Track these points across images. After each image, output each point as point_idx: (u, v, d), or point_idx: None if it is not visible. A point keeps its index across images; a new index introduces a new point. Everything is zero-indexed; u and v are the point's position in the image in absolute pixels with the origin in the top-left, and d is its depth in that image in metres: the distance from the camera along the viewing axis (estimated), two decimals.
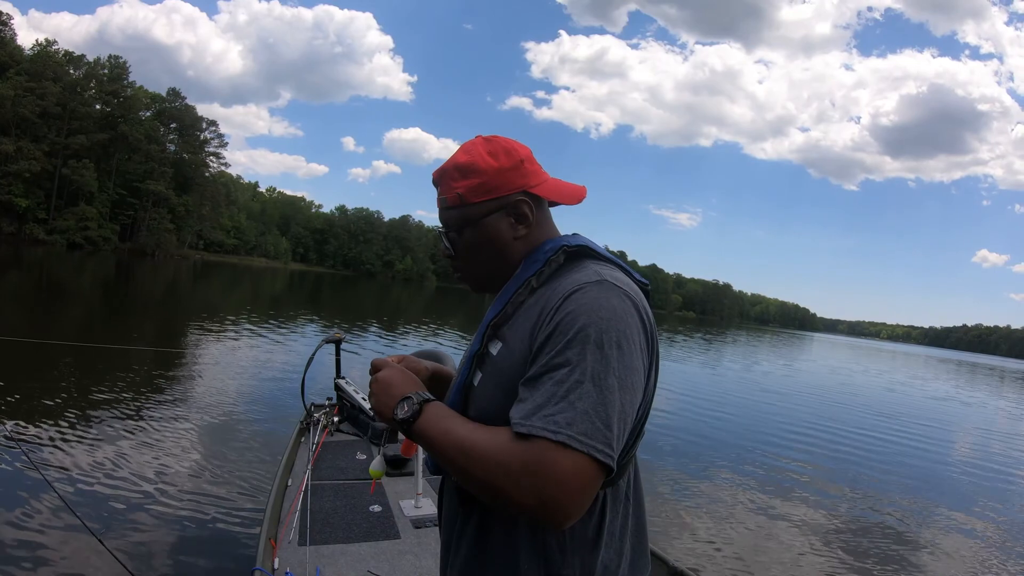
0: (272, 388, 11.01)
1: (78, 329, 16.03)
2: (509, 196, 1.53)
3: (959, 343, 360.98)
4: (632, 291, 1.40)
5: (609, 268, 1.47)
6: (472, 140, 1.58)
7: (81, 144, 76.39)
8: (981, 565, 7.19)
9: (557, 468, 1.18)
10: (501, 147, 1.55)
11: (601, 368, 1.25)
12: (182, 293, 35.94)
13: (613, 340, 1.28)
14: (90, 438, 7.02)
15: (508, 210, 1.53)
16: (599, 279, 1.37)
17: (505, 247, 1.54)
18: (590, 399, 1.22)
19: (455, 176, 1.54)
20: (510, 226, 1.54)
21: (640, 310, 1.38)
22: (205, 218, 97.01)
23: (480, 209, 1.53)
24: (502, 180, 1.53)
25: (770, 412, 16.77)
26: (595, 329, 1.28)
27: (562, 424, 1.19)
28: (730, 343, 59.72)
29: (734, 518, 7.57)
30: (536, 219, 1.55)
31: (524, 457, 1.20)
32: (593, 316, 1.30)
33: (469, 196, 1.53)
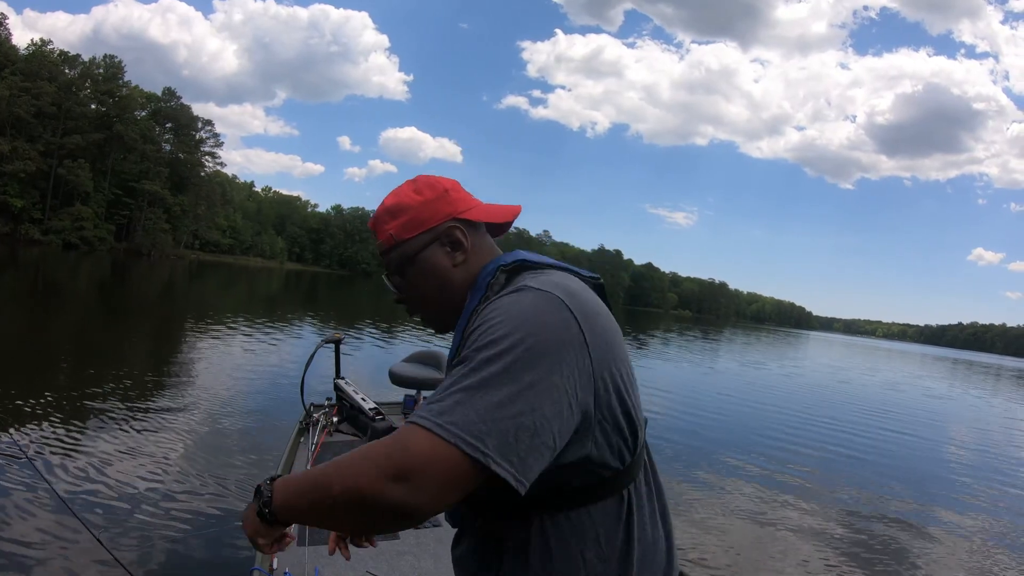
0: (271, 388, 10.99)
1: (75, 330, 16.00)
2: (440, 225, 1.55)
3: (955, 341, 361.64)
4: (565, 292, 1.32)
5: (546, 275, 1.41)
6: (400, 185, 1.62)
7: (76, 144, 76.37)
8: (979, 559, 7.20)
9: (423, 453, 1.12)
10: (424, 182, 1.60)
11: (501, 371, 1.18)
12: (178, 293, 35.93)
13: (526, 343, 1.21)
14: (88, 438, 7.02)
15: (442, 240, 1.55)
16: (520, 287, 1.34)
17: (447, 278, 1.54)
18: (470, 401, 1.15)
19: (385, 219, 1.58)
20: (447, 255, 1.54)
21: (571, 310, 1.28)
22: (201, 218, 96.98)
23: (414, 244, 1.55)
24: (430, 211, 1.55)
25: (765, 410, 16.77)
26: (494, 341, 1.22)
27: (435, 413, 1.15)
28: (726, 342, 59.76)
29: (731, 516, 7.58)
30: (472, 244, 1.56)
31: (391, 440, 1.16)
32: (505, 321, 1.25)
33: (401, 234, 1.55)
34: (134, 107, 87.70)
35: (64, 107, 76.20)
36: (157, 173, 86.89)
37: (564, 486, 1.32)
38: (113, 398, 8.85)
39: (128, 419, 7.97)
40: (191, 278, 52.51)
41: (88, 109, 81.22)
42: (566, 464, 1.28)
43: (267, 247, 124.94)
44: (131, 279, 41.68)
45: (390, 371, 5.08)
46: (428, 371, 4.96)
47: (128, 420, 7.93)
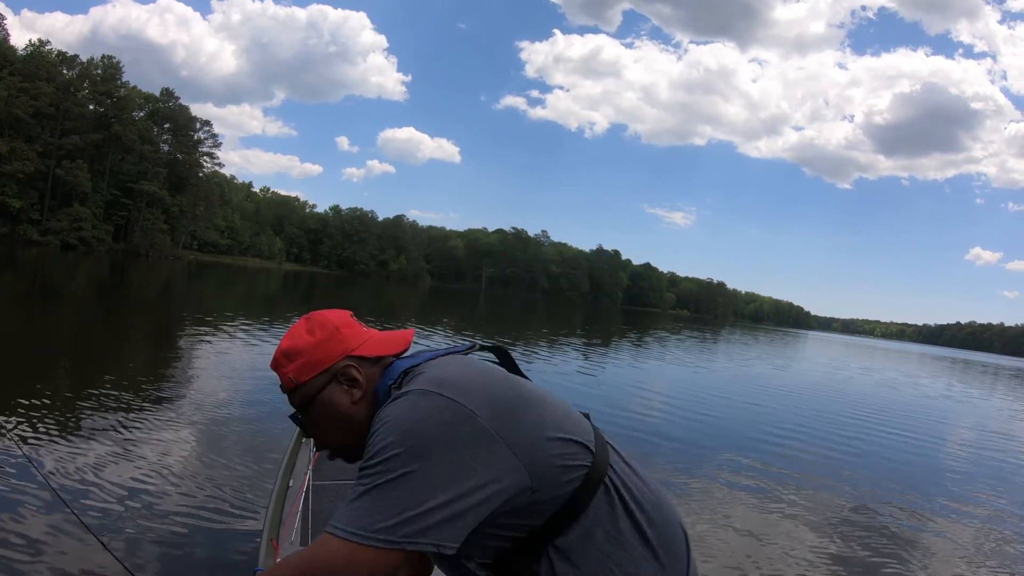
0: (272, 389, 10.98)
1: (73, 330, 16.01)
2: (335, 365, 1.63)
3: (952, 340, 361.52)
4: (438, 383, 1.48)
5: (426, 372, 1.54)
6: (296, 322, 1.71)
7: (75, 144, 76.31)
8: (977, 558, 7.22)
9: (332, 557, 1.35)
10: (316, 322, 1.68)
11: (393, 466, 1.36)
12: (177, 294, 35.93)
13: (405, 440, 1.38)
14: (90, 439, 7.01)
15: (339, 379, 1.63)
16: (397, 396, 1.48)
17: (348, 415, 1.61)
18: (374, 494, 1.35)
19: (283, 362, 1.66)
20: (345, 393, 1.62)
21: (447, 396, 1.45)
22: (199, 218, 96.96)
23: (312, 386, 1.62)
24: (323, 352, 1.63)
25: (763, 409, 16.79)
26: (391, 437, 1.39)
27: (344, 521, 1.35)
28: (723, 341, 59.77)
29: (731, 514, 7.59)
30: (369, 378, 1.63)
31: (308, 552, 1.40)
32: (393, 425, 1.41)
33: (299, 376, 1.63)
34: (132, 108, 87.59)
35: (62, 107, 76.15)
36: (155, 174, 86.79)
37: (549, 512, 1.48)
38: (113, 399, 8.85)
39: (129, 420, 7.97)
40: (189, 279, 52.48)
41: (86, 110, 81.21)
42: (537, 501, 1.47)
43: (265, 247, 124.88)
44: (129, 280, 41.67)
45: None
46: None
47: (129, 421, 7.93)
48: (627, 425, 11.67)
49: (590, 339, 35.84)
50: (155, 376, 11.01)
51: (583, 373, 19.37)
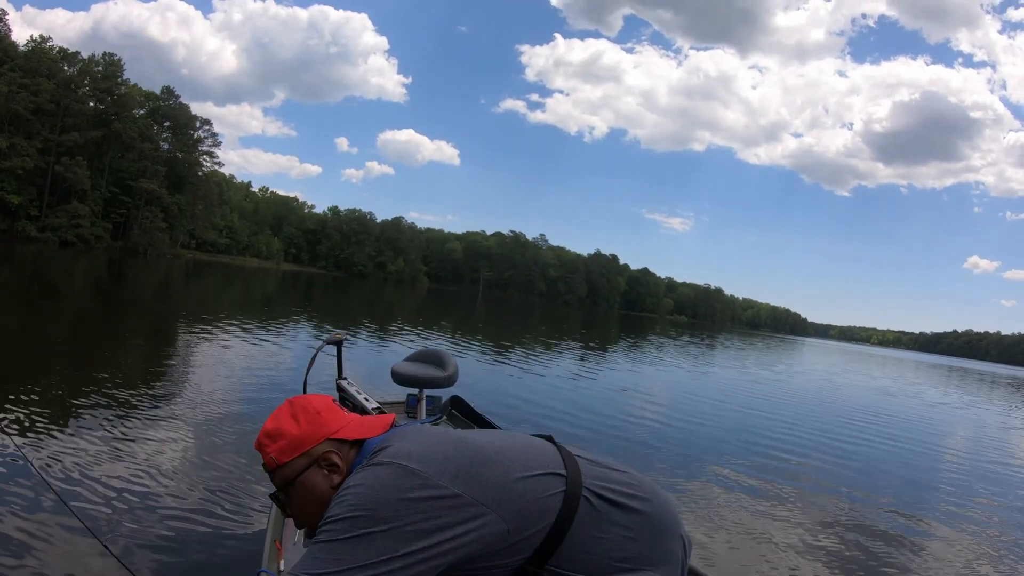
0: (273, 389, 10.99)
1: (71, 328, 16.00)
2: (315, 448, 1.70)
3: (949, 348, 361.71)
4: (400, 455, 1.57)
5: (391, 447, 1.61)
6: (280, 405, 1.81)
7: (74, 141, 76.38)
8: (972, 564, 7.24)
9: None
10: (299, 406, 1.76)
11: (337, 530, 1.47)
12: (176, 293, 35.90)
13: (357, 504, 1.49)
14: (90, 439, 7.00)
15: (319, 463, 1.69)
16: (360, 468, 1.59)
17: (327, 498, 1.63)
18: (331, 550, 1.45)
19: (266, 443, 1.73)
20: (324, 477, 1.68)
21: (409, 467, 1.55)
22: (198, 217, 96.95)
23: (293, 467, 1.69)
24: (305, 437, 1.70)
25: (759, 414, 16.80)
26: (337, 507, 1.51)
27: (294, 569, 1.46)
28: (720, 347, 59.80)
29: (728, 518, 7.60)
30: (347, 460, 1.70)
31: None
32: (339, 498, 1.53)
33: (280, 457, 1.70)
34: (132, 105, 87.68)
35: (63, 104, 76.25)
36: (155, 172, 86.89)
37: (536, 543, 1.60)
38: (112, 398, 8.84)
39: (129, 420, 7.96)
40: (188, 277, 52.44)
41: (86, 107, 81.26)
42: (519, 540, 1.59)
43: (263, 247, 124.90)
44: (127, 278, 41.63)
45: (392, 370, 5.08)
46: (430, 370, 4.98)
47: (129, 421, 7.92)
48: (623, 429, 11.69)
49: (587, 343, 35.85)
50: (154, 375, 11.00)
51: (580, 377, 19.37)
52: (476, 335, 29.53)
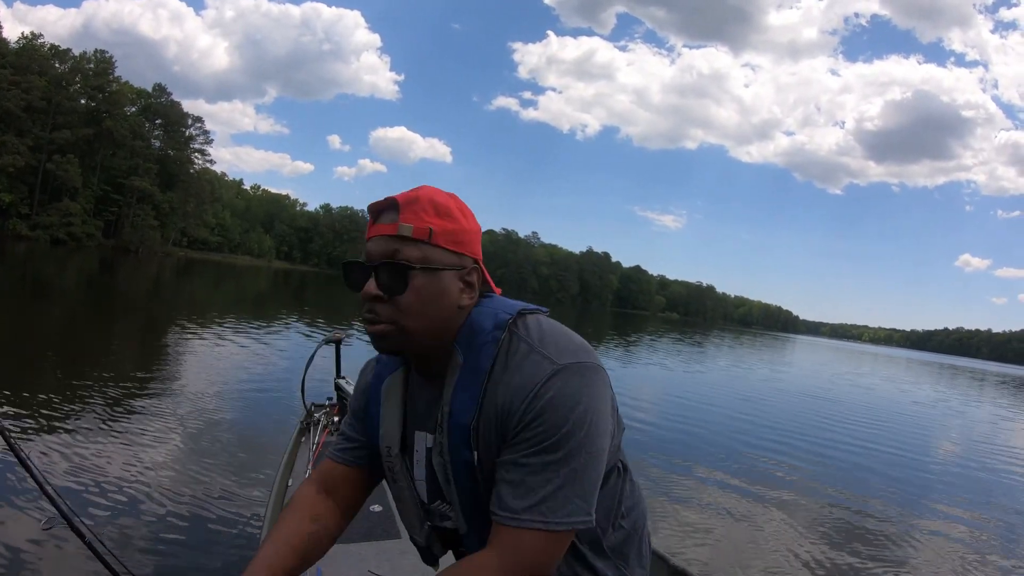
0: (271, 388, 11.01)
1: (64, 327, 15.99)
2: (467, 258, 1.44)
3: (941, 346, 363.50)
4: (586, 351, 1.39)
5: (548, 333, 1.42)
6: (432, 188, 1.45)
7: (66, 139, 75.98)
8: (960, 562, 7.31)
9: (547, 553, 1.29)
10: (468, 208, 1.49)
11: (579, 450, 1.29)
12: (169, 291, 35.84)
13: (585, 422, 1.30)
14: (85, 440, 7.02)
15: (462, 273, 1.42)
16: (558, 367, 1.33)
17: (449, 311, 1.41)
18: (573, 482, 1.29)
19: (429, 210, 1.39)
20: (459, 291, 1.42)
21: (602, 368, 1.39)
22: (189, 215, 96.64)
23: (442, 257, 1.39)
24: (468, 239, 1.44)
25: (753, 412, 16.86)
26: (571, 421, 1.29)
27: (543, 512, 1.27)
28: (712, 345, 59.89)
29: (723, 516, 7.66)
30: (474, 296, 1.46)
31: (502, 559, 1.28)
32: (567, 407, 1.30)
33: (439, 238, 1.39)
34: (124, 103, 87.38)
35: (54, 101, 75.86)
36: (146, 170, 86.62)
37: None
38: (107, 397, 8.85)
39: (123, 419, 7.98)
40: (179, 276, 52.28)
41: (78, 104, 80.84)
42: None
43: (255, 245, 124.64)
44: (119, 276, 41.51)
45: None
46: None
47: (123, 420, 7.94)
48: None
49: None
50: (148, 374, 10.99)
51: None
52: None
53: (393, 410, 1.56)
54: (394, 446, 1.55)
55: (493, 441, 1.35)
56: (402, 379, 1.58)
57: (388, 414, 1.56)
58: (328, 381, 6.49)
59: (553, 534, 1.28)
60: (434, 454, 1.46)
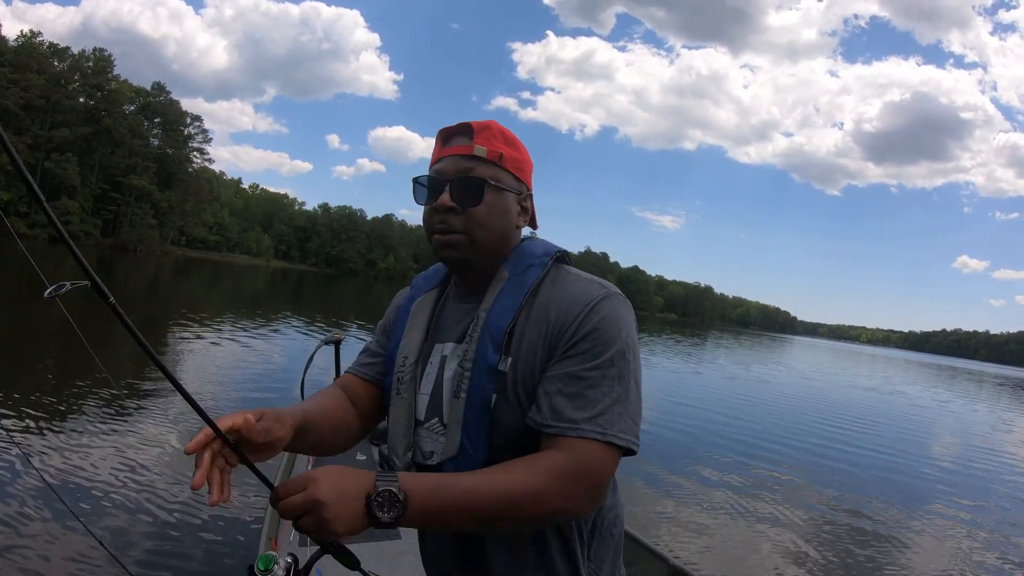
0: (271, 389, 11.03)
1: (65, 326, 15.97)
2: (525, 185, 1.58)
3: (938, 347, 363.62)
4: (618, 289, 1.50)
5: (585, 272, 1.54)
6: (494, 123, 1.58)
7: (64, 137, 75.78)
8: (959, 561, 7.34)
9: (605, 465, 1.33)
10: (524, 145, 1.61)
11: (628, 373, 1.38)
12: (168, 290, 35.82)
13: (631, 347, 1.40)
14: (87, 440, 7.04)
15: (520, 198, 1.56)
16: (608, 292, 1.44)
17: (508, 228, 1.54)
18: (620, 403, 1.34)
19: (500, 139, 1.54)
20: (517, 213, 1.56)
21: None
22: (188, 214, 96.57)
23: (509, 180, 1.52)
24: (527, 169, 1.59)
25: (747, 413, 16.89)
26: (622, 341, 1.38)
27: (601, 423, 1.32)
28: (710, 346, 59.92)
29: (721, 516, 7.69)
30: (521, 226, 1.60)
31: (573, 464, 1.30)
32: (619, 328, 1.39)
33: (507, 163, 1.52)
34: (123, 101, 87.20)
35: (52, 100, 75.67)
36: (145, 168, 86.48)
37: None
38: (106, 398, 8.87)
39: (122, 418, 8.01)
40: (178, 274, 52.33)
41: (76, 102, 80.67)
42: None
43: (253, 244, 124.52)
44: (117, 275, 41.45)
45: None
46: None
47: (122, 419, 7.97)
48: None
49: None
50: (146, 374, 10.97)
51: None
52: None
53: (419, 323, 1.62)
54: (411, 356, 1.58)
55: (539, 351, 1.41)
56: (434, 297, 1.67)
57: (413, 327, 1.62)
58: (327, 382, 6.48)
59: (610, 448, 1.32)
60: (449, 363, 1.52)
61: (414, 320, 1.64)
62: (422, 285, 1.73)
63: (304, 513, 1.20)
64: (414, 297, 1.71)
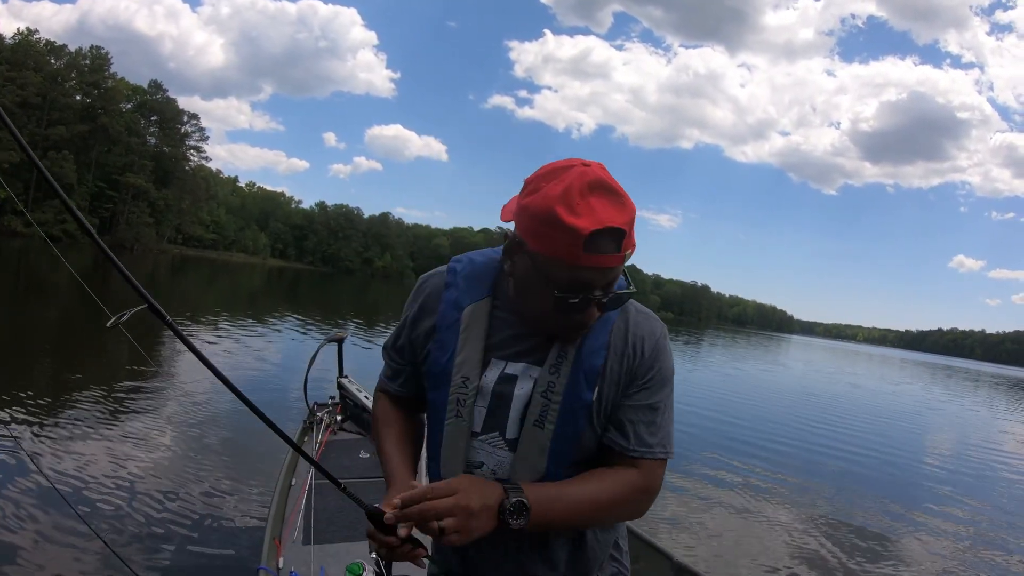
0: (273, 387, 11.05)
1: (63, 325, 15.98)
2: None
3: (934, 346, 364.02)
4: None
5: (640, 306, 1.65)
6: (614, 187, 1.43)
7: (61, 135, 75.66)
8: (956, 560, 7.35)
9: (662, 477, 1.57)
10: None
11: (671, 400, 1.59)
12: (164, 289, 35.75)
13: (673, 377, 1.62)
14: (91, 440, 7.05)
15: None
16: (664, 327, 1.64)
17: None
18: (671, 423, 1.57)
19: (630, 231, 1.41)
20: None
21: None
22: (184, 212, 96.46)
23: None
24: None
25: (752, 412, 16.92)
26: (671, 373, 1.59)
27: (664, 444, 1.55)
28: (706, 345, 60.00)
29: (725, 513, 7.72)
30: None
31: (647, 481, 1.53)
32: (671, 359, 1.60)
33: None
34: (119, 99, 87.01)
35: (49, 98, 75.59)
36: (142, 166, 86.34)
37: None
38: (108, 397, 8.88)
39: (129, 420, 8.01)
40: (175, 273, 52.30)
41: (73, 100, 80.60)
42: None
43: (250, 243, 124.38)
44: (115, 275, 41.25)
45: None
46: None
47: (129, 421, 7.97)
48: None
49: None
50: (154, 374, 10.97)
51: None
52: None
53: (475, 337, 1.56)
54: (472, 377, 1.55)
55: (620, 382, 1.53)
56: (487, 309, 1.59)
57: (469, 341, 1.57)
58: (330, 380, 6.50)
59: (664, 462, 1.56)
60: (521, 383, 1.54)
61: (469, 333, 1.57)
62: (465, 288, 1.62)
63: (449, 516, 1.30)
64: (459, 301, 1.61)
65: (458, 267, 1.67)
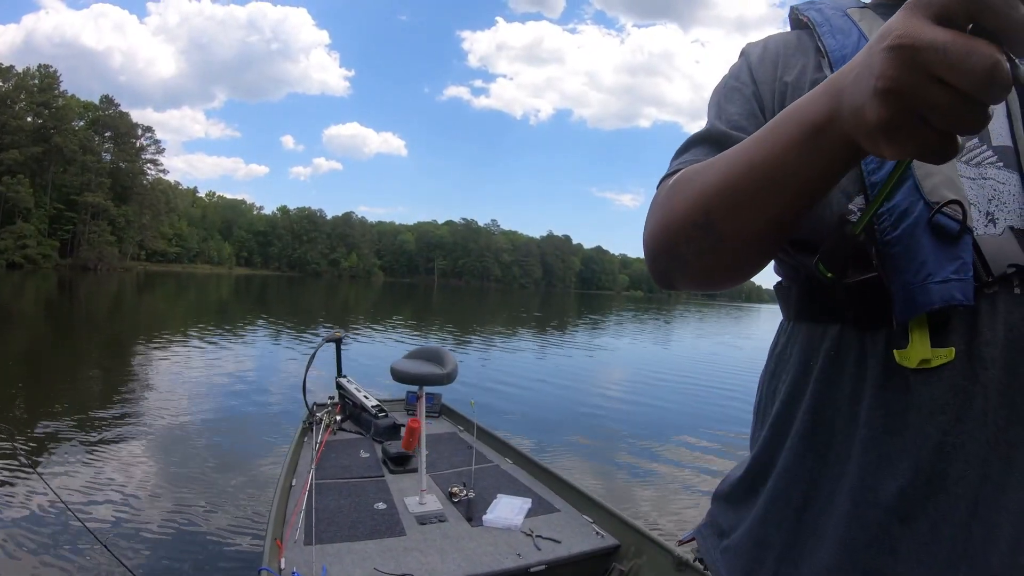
0: (273, 389, 11.18)
1: (57, 346, 16.00)
2: None
3: None
4: None
5: None
6: None
7: (14, 159, 74.75)
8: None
9: None
10: None
11: None
12: (131, 307, 35.55)
13: None
14: (91, 443, 7.15)
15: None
16: None
17: None
18: None
19: None
20: None
21: None
22: (146, 228, 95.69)
23: None
24: None
25: (717, 387, 17.10)
26: None
27: None
28: (676, 321, 60.38)
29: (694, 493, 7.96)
30: None
31: None
32: None
33: None
34: (71, 117, 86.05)
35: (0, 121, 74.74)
36: (99, 184, 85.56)
37: None
38: (114, 403, 9.00)
39: (129, 423, 8.10)
40: (141, 290, 51.59)
41: (24, 122, 79.54)
42: None
43: (214, 253, 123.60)
44: (79, 295, 40.97)
45: (392, 368, 4.94)
46: (429, 367, 4.96)
47: (129, 424, 8.06)
48: (589, 408, 11.97)
49: (543, 326, 36.03)
50: (152, 382, 11.01)
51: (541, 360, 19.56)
52: (435, 325, 29.62)
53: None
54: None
55: None
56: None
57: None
58: (329, 380, 6.69)
59: None
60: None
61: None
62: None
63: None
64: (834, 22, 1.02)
65: None
